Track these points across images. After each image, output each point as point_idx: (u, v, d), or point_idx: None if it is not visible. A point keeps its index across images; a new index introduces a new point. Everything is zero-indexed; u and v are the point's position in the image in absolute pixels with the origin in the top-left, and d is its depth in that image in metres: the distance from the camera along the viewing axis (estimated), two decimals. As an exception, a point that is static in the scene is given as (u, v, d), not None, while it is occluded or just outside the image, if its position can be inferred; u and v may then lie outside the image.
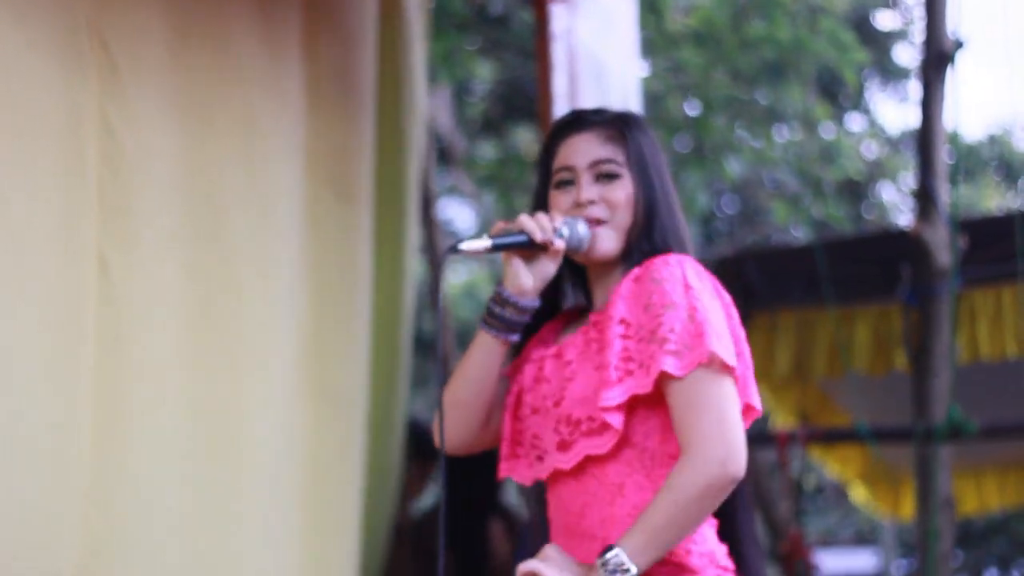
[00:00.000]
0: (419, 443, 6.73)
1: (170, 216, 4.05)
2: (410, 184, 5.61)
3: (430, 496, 7.02)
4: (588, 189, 2.91)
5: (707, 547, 2.79)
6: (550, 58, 5.49)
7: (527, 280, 2.84)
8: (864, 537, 19.45)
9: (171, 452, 4.06)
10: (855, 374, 7.62)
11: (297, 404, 4.61)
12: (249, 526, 4.37)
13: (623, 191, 2.91)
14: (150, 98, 3.97)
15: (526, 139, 13.88)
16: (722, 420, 2.69)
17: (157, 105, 4.00)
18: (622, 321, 2.79)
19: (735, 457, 2.67)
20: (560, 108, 5.53)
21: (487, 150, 14.43)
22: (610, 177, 2.92)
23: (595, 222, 2.90)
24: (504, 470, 2.94)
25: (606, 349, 2.79)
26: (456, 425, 2.93)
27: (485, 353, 2.89)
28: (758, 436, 8.45)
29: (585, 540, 2.80)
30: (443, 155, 13.47)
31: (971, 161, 16.80)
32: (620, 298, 2.82)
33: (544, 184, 3.01)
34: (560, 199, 2.94)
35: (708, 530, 2.81)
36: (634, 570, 2.62)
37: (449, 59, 9.28)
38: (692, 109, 8.95)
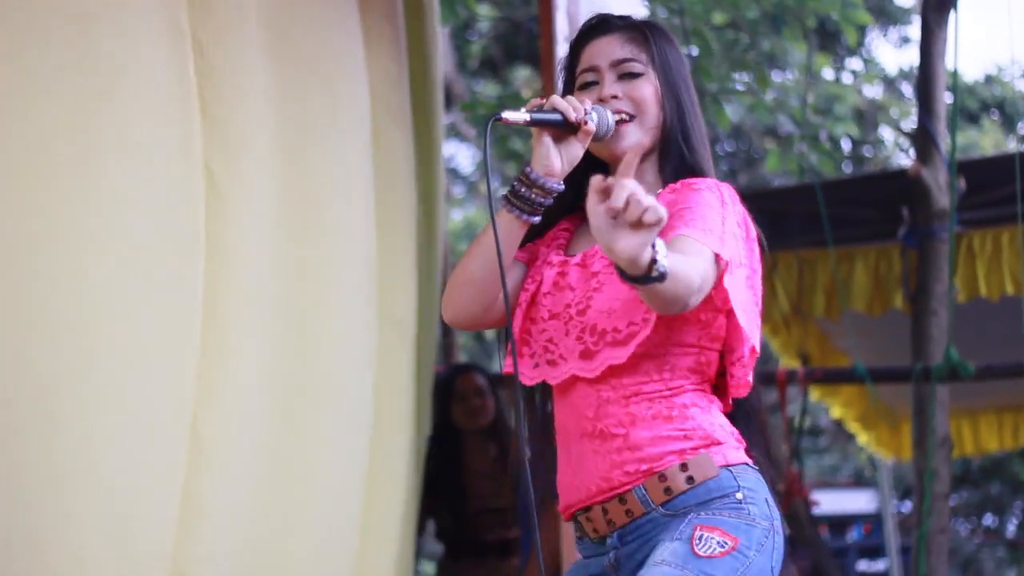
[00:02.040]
0: None
1: (263, 132, 4.13)
2: (438, 109, 5.66)
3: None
4: (611, 86, 2.96)
5: (722, 420, 2.87)
6: (552, -3, 5.46)
7: (556, 161, 2.84)
8: (862, 478, 19.51)
9: (266, 372, 4.18)
10: (854, 315, 7.66)
11: (368, 328, 4.72)
12: (328, 450, 4.51)
13: (648, 87, 2.96)
14: (234, 26, 4.05)
15: (527, 80, 13.85)
16: (706, 269, 2.68)
17: (241, 32, 4.07)
18: None
19: (700, 291, 2.65)
20: (561, 49, 5.51)
21: (487, 91, 14.40)
22: (633, 75, 2.96)
23: (621, 116, 2.92)
24: (508, 366, 2.94)
25: None
26: (467, 301, 2.95)
27: (505, 232, 2.87)
28: (758, 376, 8.51)
29: (605, 440, 2.83)
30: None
31: (970, 103, 16.78)
32: None
33: (569, 88, 3.04)
34: (584, 98, 2.93)
35: (721, 416, 2.88)
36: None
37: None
38: (691, 53, 8.91)
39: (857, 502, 18.56)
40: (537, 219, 2.89)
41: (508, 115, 2.81)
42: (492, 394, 6.66)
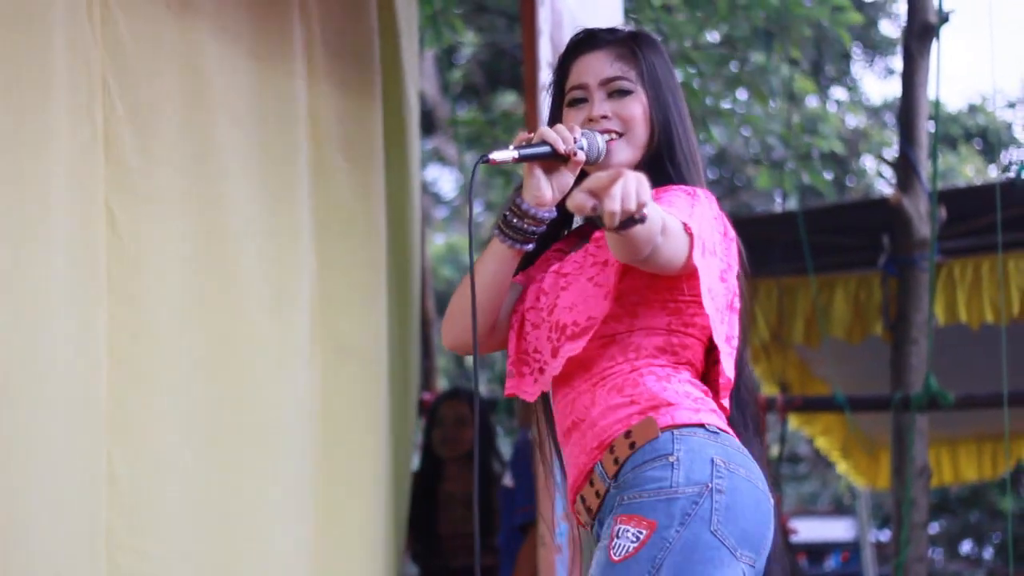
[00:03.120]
0: None
1: (171, 172, 4.08)
2: (412, 143, 5.65)
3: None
4: (600, 105, 2.94)
5: (682, 387, 2.80)
6: (535, 23, 5.46)
7: (548, 191, 2.81)
8: (841, 506, 19.53)
9: (186, 410, 4.11)
10: (833, 344, 7.67)
11: (309, 359, 4.67)
12: (265, 482, 4.44)
13: (637, 105, 2.94)
14: (148, 59, 4.00)
15: (510, 104, 13.85)
16: (673, 224, 2.64)
17: (155, 67, 4.04)
18: None
19: (666, 235, 2.61)
20: (545, 75, 5.52)
21: (471, 116, 14.41)
22: (622, 93, 2.95)
23: (610, 136, 2.91)
24: (509, 387, 2.93)
25: (609, 266, 2.80)
26: (466, 329, 2.90)
27: (499, 262, 2.87)
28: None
29: (582, 428, 2.84)
30: (426, 119, 13.45)
31: (953, 130, 16.84)
32: None
33: (558, 104, 3.04)
34: (573, 116, 2.95)
35: (688, 383, 2.82)
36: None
37: (434, 23, 9.23)
38: (678, 74, 8.88)
39: (836, 530, 18.57)
40: (531, 247, 2.88)
41: (496, 155, 2.78)
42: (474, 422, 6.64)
